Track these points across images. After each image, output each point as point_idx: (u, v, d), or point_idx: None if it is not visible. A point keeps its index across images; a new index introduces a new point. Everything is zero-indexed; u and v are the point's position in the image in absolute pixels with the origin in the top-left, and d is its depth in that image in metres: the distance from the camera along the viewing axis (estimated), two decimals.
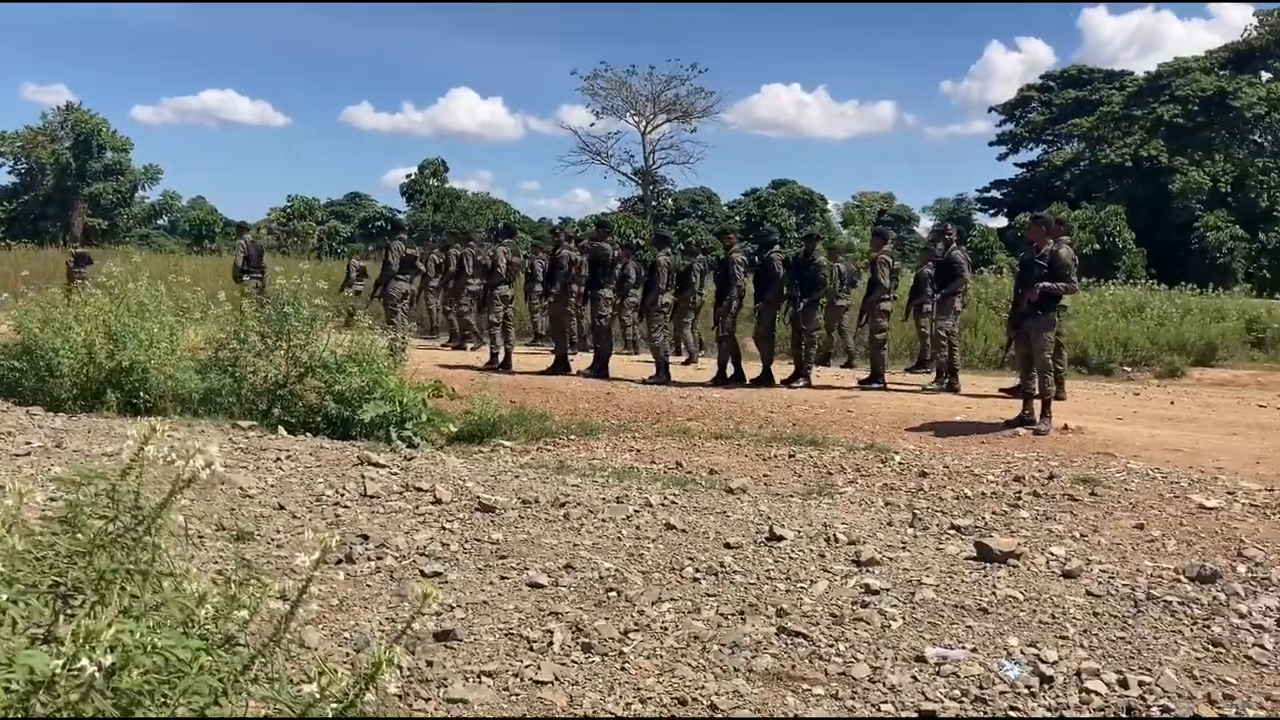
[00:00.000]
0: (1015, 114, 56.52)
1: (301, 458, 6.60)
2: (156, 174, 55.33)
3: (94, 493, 1.84)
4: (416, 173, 52.97)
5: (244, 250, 16.80)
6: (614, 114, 48.74)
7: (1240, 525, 6.04)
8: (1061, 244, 10.92)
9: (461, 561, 4.58)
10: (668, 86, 47.48)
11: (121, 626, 1.38)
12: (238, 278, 16.08)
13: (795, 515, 5.84)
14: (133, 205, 55.06)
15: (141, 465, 1.85)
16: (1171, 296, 21.87)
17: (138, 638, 1.35)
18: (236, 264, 16.66)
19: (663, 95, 47.84)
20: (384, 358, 8.99)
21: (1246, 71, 45.89)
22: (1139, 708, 3.36)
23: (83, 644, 1.27)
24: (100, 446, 6.41)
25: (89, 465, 2.20)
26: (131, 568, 1.61)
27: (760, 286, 12.30)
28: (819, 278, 12.25)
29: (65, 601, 1.61)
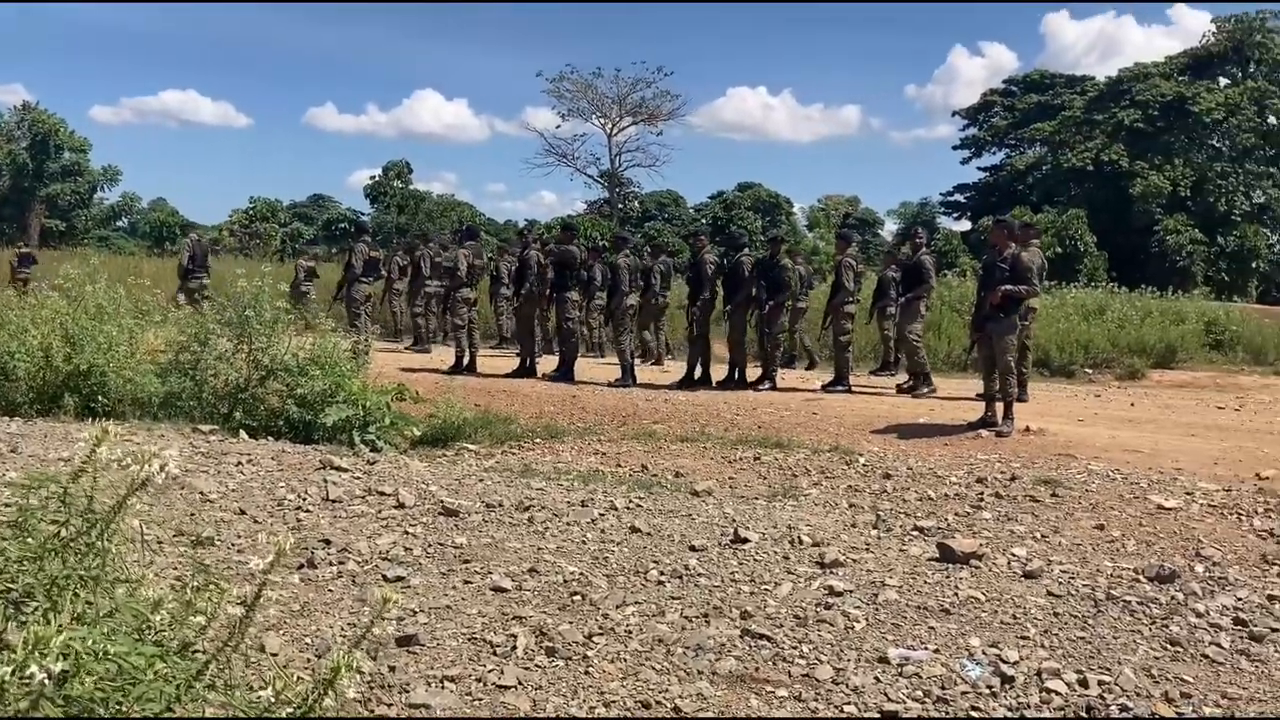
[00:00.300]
0: (978, 118, 57.00)
1: (263, 462, 6.54)
2: (116, 175, 54.65)
3: (45, 497, 1.81)
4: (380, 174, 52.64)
5: (190, 250, 16.61)
6: (580, 116, 48.84)
7: (1198, 525, 6.12)
8: (1028, 247, 11.07)
9: (424, 566, 4.55)
10: (633, 89, 47.64)
11: (73, 633, 1.36)
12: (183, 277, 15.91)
13: (760, 517, 5.85)
14: (91, 207, 54.34)
15: (95, 468, 1.82)
16: (1132, 299, 22.15)
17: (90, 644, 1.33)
18: (182, 264, 16.46)
19: (629, 98, 47.99)
20: (347, 361, 8.92)
21: (1205, 77, 46.54)
22: (1098, 707, 3.39)
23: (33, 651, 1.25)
24: (56, 451, 6.31)
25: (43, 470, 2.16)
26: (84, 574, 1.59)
27: (730, 289, 12.33)
28: (784, 279, 12.28)
29: (17, 608, 1.59)
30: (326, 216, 56.27)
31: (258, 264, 16.83)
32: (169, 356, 8.97)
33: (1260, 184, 45.87)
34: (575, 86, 47.63)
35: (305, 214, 58.30)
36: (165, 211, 55.53)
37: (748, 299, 12.19)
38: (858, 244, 14.40)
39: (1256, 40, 46.21)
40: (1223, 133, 45.34)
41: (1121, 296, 22.59)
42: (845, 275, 12.55)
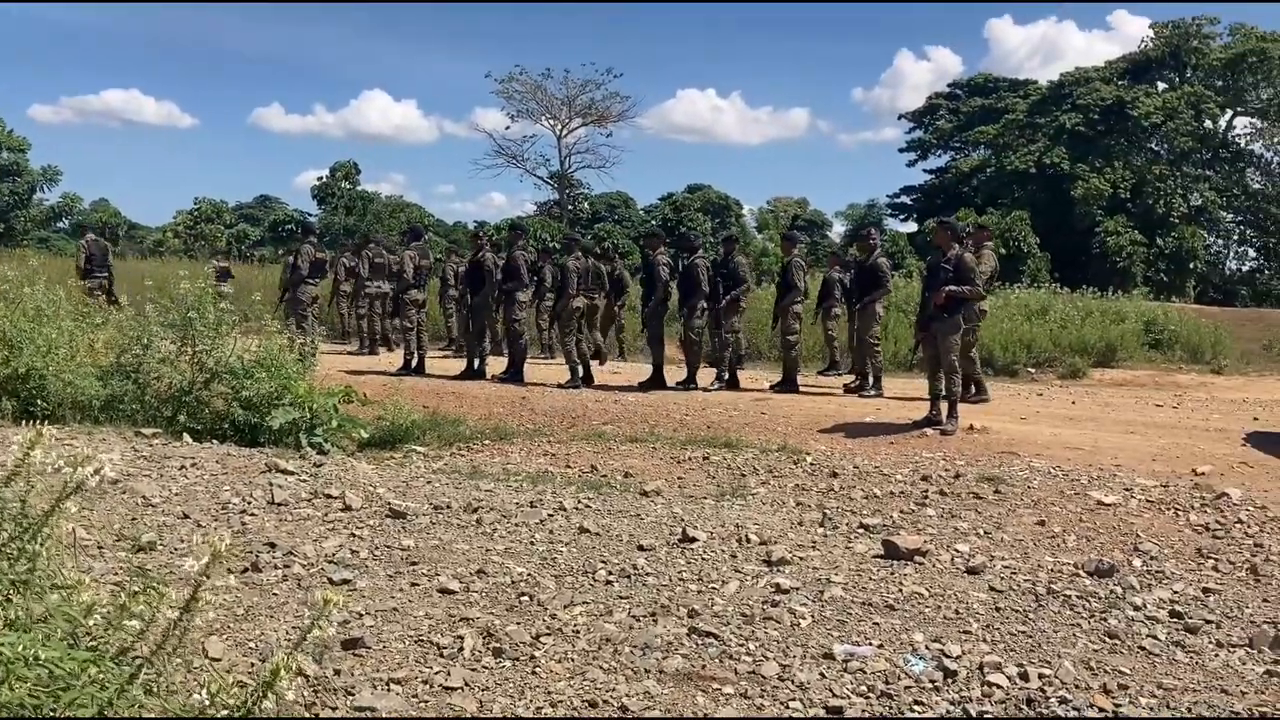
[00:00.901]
0: (924, 121, 57.63)
1: (207, 465, 6.46)
2: (56, 175, 53.48)
3: None
4: (328, 175, 52.11)
5: (85, 251, 16.28)
6: (529, 117, 48.70)
7: (1136, 520, 6.25)
8: (982, 249, 11.24)
9: (371, 568, 4.53)
10: (583, 90, 47.61)
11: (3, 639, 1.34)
12: (82, 278, 15.63)
13: (708, 517, 5.89)
14: (30, 207, 53.14)
15: (29, 472, 1.79)
16: (1073, 299, 22.50)
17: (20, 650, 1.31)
18: (78, 265, 16.16)
19: (578, 99, 47.96)
20: (293, 363, 8.83)
21: (1143, 82, 47.40)
22: (1038, 699, 3.45)
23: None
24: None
25: None
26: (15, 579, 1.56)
27: (685, 291, 12.37)
28: (740, 275, 12.34)
29: None
30: (273, 218, 55.54)
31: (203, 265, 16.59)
32: (110, 359, 8.82)
33: (1197, 187, 46.81)
34: (524, 87, 47.54)
35: (252, 215, 57.56)
36: (107, 212, 54.56)
37: (702, 300, 12.23)
38: (803, 245, 14.51)
39: (1193, 45, 47.18)
40: (1161, 136, 46.17)
41: (1063, 297, 22.94)
42: (796, 275, 12.61)
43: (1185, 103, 44.74)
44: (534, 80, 47.40)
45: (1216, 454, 8.46)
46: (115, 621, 1.65)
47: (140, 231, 55.98)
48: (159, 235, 50.38)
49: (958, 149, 55.95)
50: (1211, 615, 4.50)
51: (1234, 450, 8.73)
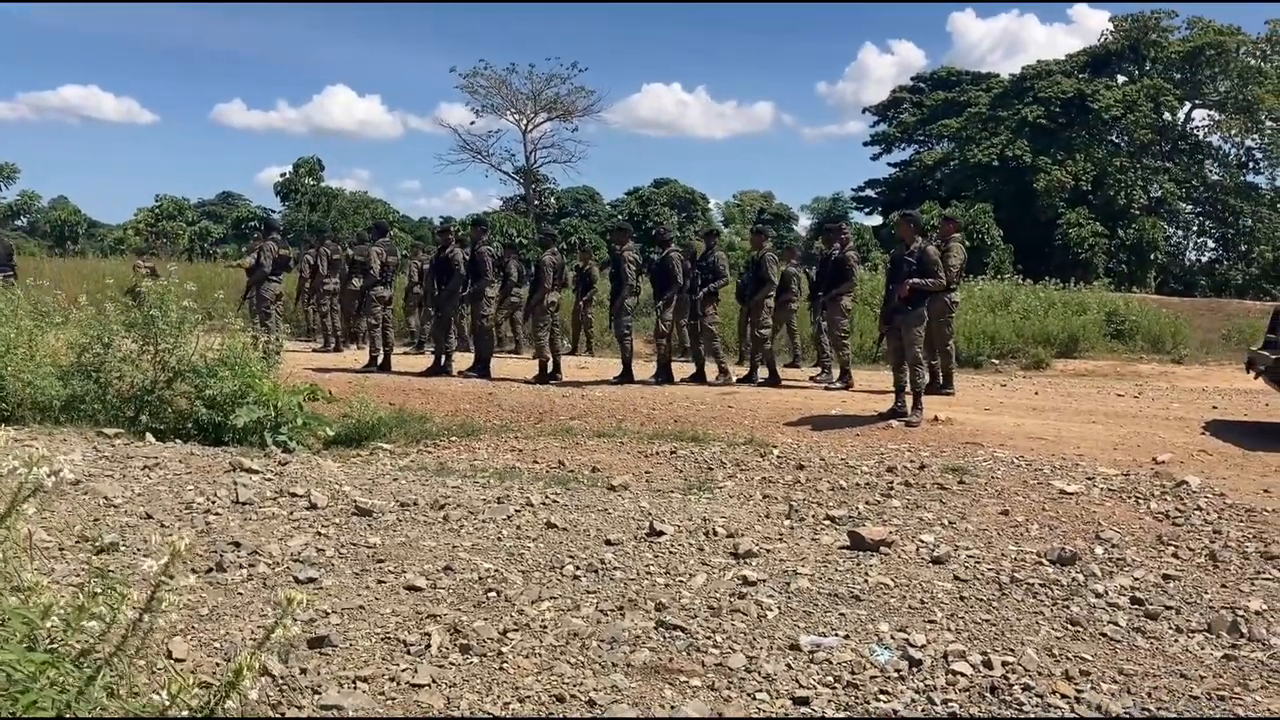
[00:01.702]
0: (888, 115, 57.89)
1: (171, 465, 6.40)
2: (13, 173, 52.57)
3: None
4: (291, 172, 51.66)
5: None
6: (494, 112, 48.49)
7: (1098, 509, 6.33)
8: (950, 241, 11.31)
9: (337, 567, 4.51)
10: (548, 85, 47.44)
11: None
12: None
13: (675, 510, 5.90)
14: None
15: None
16: (1036, 291, 22.67)
17: None
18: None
19: (543, 94, 47.78)
20: (258, 361, 8.76)
21: (1104, 75, 47.85)
22: (1002, 687, 3.49)
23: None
24: None
25: None
26: None
27: (659, 285, 12.38)
28: (719, 271, 12.36)
29: None
30: (236, 214, 55.04)
31: (164, 263, 16.42)
32: (71, 359, 8.72)
33: (1157, 178, 47.34)
34: (489, 82, 47.31)
35: (214, 212, 57.01)
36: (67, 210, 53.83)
37: (678, 294, 12.27)
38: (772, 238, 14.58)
39: (1152, 39, 47.69)
40: (1121, 129, 46.64)
41: (1026, 288, 23.12)
42: (769, 269, 12.61)
43: (1144, 95, 45.23)
44: (499, 75, 47.23)
45: (1176, 442, 8.58)
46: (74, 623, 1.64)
47: (101, 230, 55.23)
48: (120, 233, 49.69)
49: (921, 142, 56.27)
50: (1171, 601, 4.57)
51: (1194, 439, 8.86)
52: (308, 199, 49.83)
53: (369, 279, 13.76)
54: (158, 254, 22.98)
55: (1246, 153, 48.97)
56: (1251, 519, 6.20)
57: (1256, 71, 46.19)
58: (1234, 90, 46.63)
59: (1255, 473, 7.52)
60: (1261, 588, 4.88)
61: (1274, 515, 6.28)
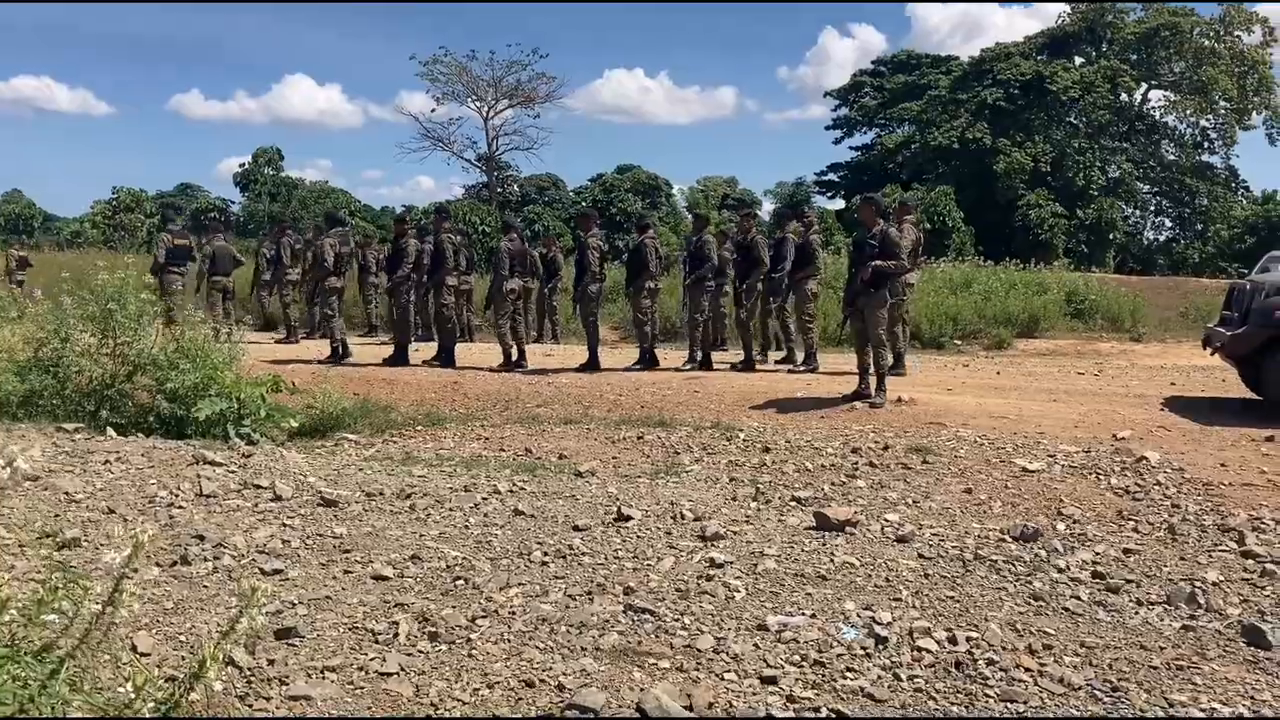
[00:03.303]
0: (849, 99, 58.11)
1: (133, 459, 6.33)
2: None
3: None
4: (250, 162, 51.18)
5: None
6: (455, 100, 48.18)
7: (1060, 486, 6.41)
8: (903, 224, 11.35)
9: (303, 557, 4.48)
10: (509, 71, 47.17)
11: None
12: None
13: (643, 495, 5.92)
14: None
15: None
16: (997, 272, 22.91)
17: None
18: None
19: (504, 80, 47.51)
20: (219, 353, 8.67)
21: (1061, 56, 48.29)
22: (967, 662, 3.54)
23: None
24: None
25: None
26: None
27: (633, 270, 12.37)
28: (704, 256, 12.35)
29: None
30: (195, 206, 54.40)
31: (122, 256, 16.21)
32: (28, 354, 8.59)
33: (1114, 159, 47.91)
34: (449, 69, 46.95)
35: (173, 203, 56.29)
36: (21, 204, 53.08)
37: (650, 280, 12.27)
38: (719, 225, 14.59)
39: (1108, 20, 48.18)
40: (1079, 110, 47.13)
41: (988, 270, 23.36)
42: (761, 253, 12.48)
43: (1102, 76, 45.71)
44: (459, 62, 46.89)
45: (1136, 419, 8.70)
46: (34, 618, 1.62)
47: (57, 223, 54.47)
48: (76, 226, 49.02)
49: (883, 126, 56.55)
50: (1131, 575, 4.64)
51: (1153, 415, 8.99)
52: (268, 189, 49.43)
53: (323, 269, 13.66)
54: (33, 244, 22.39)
55: (1201, 133, 49.68)
56: (1209, 492, 6.30)
57: (1210, 52, 46.81)
58: (1188, 71, 47.23)
59: (1212, 447, 7.64)
60: (1219, 559, 4.97)
61: (1230, 489, 6.39)
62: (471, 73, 47.10)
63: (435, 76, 46.99)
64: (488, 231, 34.24)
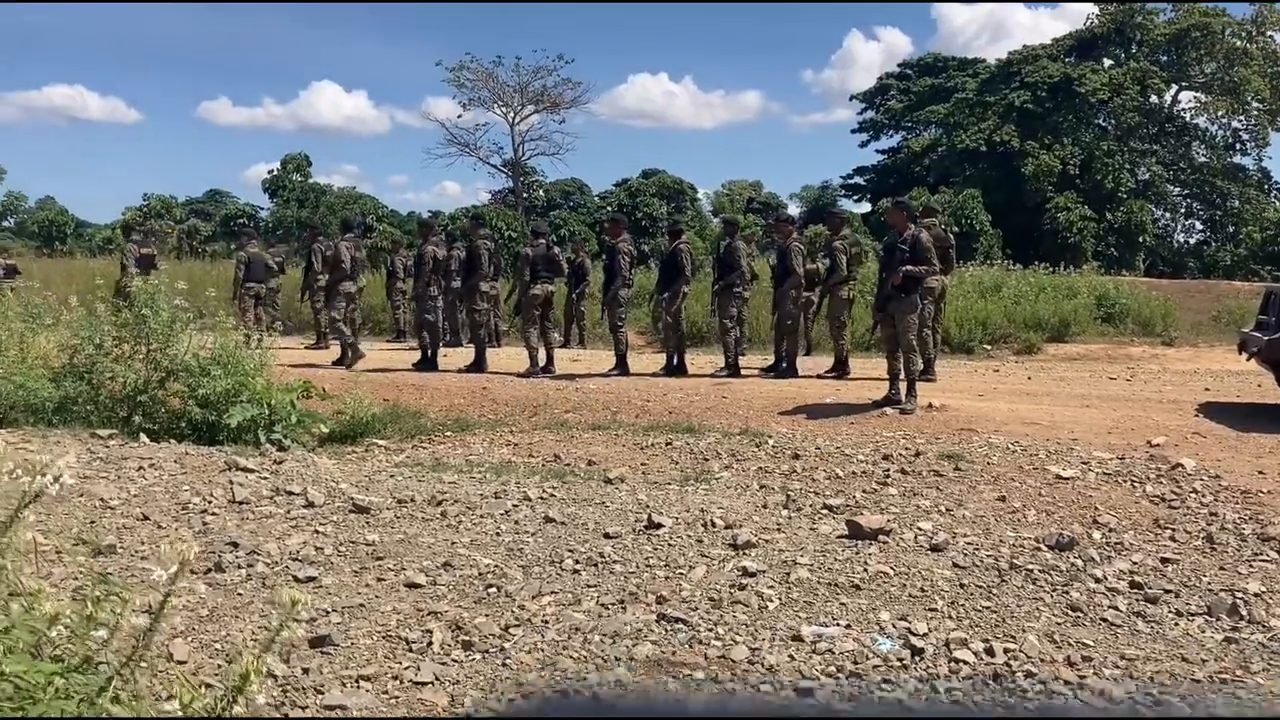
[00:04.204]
0: (875, 102, 57.86)
1: (166, 465, 6.37)
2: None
3: None
4: (279, 168, 51.51)
5: None
6: (481, 105, 48.24)
7: (1095, 494, 6.34)
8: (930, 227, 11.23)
9: (336, 565, 4.49)
10: (535, 77, 47.20)
11: None
12: None
13: (673, 502, 5.90)
14: None
15: None
16: (1026, 276, 22.74)
17: None
18: None
19: (530, 86, 47.55)
20: (251, 359, 8.72)
21: (1090, 58, 47.89)
22: (1005, 674, 3.50)
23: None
24: None
25: None
26: None
27: (668, 276, 12.34)
28: (734, 264, 12.31)
29: None
30: (224, 212, 54.84)
31: None
32: (63, 360, 8.68)
33: (1144, 161, 47.45)
34: (476, 75, 47.03)
35: (202, 210, 56.76)
36: (54, 210, 53.65)
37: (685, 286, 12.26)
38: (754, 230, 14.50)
39: (1137, 21, 47.72)
40: (1108, 112, 46.71)
41: (1017, 273, 23.18)
42: (795, 260, 12.33)
43: (1131, 78, 45.29)
44: (485, 68, 46.95)
45: (1170, 425, 8.60)
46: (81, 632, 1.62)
47: (89, 229, 55.01)
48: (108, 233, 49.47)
49: (909, 129, 56.27)
50: (1170, 585, 4.58)
51: (1187, 421, 8.88)
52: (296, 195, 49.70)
53: (338, 274, 13.74)
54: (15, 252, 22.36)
55: (1233, 134, 49.10)
56: (1247, 501, 6.22)
57: (1242, 53, 46.26)
58: (1220, 72, 46.71)
59: (1250, 454, 7.55)
60: (1259, 569, 4.90)
61: (1269, 496, 6.30)
62: (497, 78, 47.21)
63: (461, 82, 47.10)
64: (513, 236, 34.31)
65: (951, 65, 55.62)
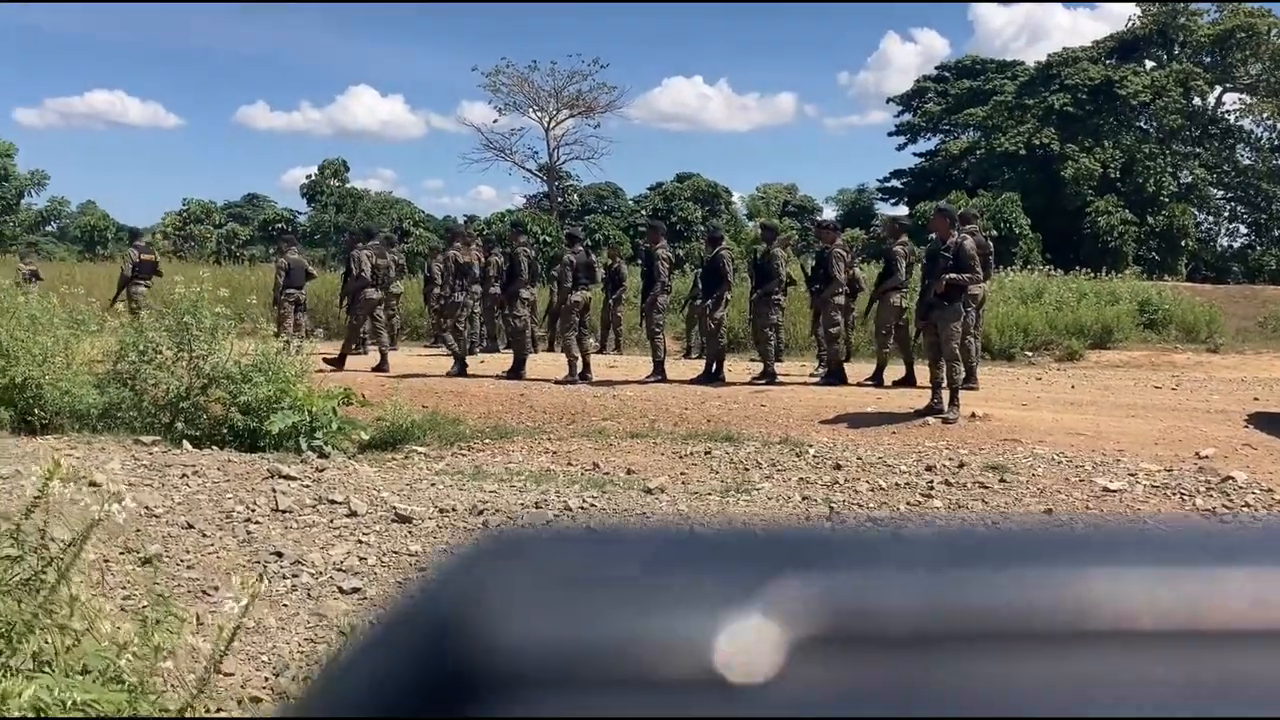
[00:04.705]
0: (912, 104, 57.52)
1: (209, 473, 6.42)
2: (43, 179, 53.20)
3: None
4: (316, 173, 51.96)
5: None
6: (517, 110, 48.46)
7: (1143, 507, 6.24)
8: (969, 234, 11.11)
9: (380, 576, 4.50)
10: (570, 82, 47.36)
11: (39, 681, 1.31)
12: None
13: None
14: (19, 212, 52.95)
15: (47, 504, 1.76)
16: (1067, 281, 22.48)
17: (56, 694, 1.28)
18: None
19: (565, 91, 47.73)
20: (292, 366, 8.79)
21: (1131, 60, 47.37)
22: None
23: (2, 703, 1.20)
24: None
25: None
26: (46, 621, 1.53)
27: (710, 283, 12.31)
28: (774, 271, 12.26)
29: None
30: (262, 216, 55.37)
31: (194, 267, 16.53)
32: (106, 367, 8.78)
33: (1187, 164, 46.88)
34: (511, 80, 47.25)
35: (240, 214, 57.36)
36: (96, 215, 54.33)
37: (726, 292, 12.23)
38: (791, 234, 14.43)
39: (1180, 23, 47.16)
40: (1150, 115, 46.20)
41: (1058, 279, 22.93)
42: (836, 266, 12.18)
43: (1174, 80, 44.78)
44: (520, 73, 47.15)
45: (1219, 436, 8.45)
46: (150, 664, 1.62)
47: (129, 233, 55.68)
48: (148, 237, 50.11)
49: (947, 131, 55.89)
50: None
51: (1236, 432, 8.73)
52: (333, 200, 50.13)
53: (359, 281, 13.85)
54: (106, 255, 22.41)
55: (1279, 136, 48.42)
56: None
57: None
58: (1266, 73, 46.07)
59: None
60: None
61: None
62: (533, 83, 47.41)
63: (497, 87, 47.33)
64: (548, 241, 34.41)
65: (990, 67, 55.20)
